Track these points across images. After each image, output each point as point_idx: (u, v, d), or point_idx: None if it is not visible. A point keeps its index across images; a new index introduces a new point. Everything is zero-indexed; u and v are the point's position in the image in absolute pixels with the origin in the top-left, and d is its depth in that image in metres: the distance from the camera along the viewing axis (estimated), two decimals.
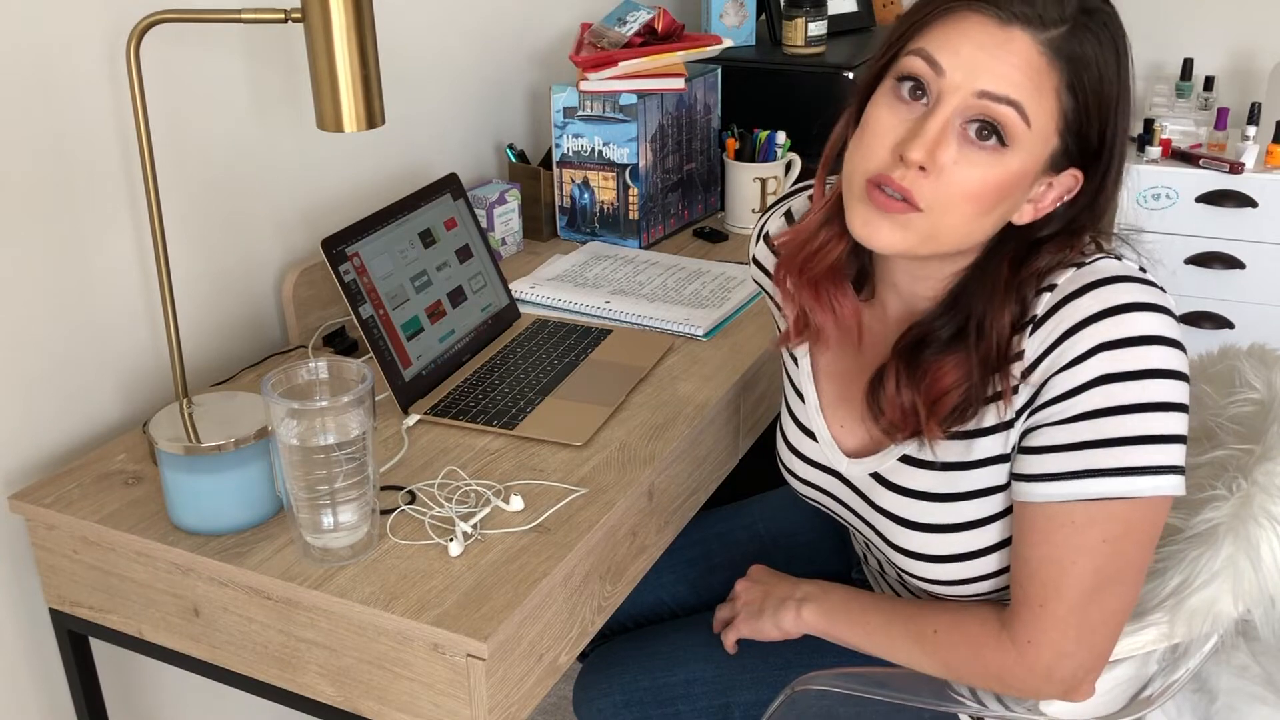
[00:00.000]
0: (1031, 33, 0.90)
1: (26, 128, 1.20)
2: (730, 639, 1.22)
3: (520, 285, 1.66)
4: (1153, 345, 0.92)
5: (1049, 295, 0.96)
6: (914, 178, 0.92)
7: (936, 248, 0.97)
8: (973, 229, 0.96)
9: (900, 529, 1.07)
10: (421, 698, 1.02)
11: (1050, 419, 0.95)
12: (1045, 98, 0.91)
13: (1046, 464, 0.96)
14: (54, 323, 1.26)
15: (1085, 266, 0.96)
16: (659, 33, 1.84)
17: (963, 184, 0.92)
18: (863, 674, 1.13)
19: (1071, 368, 0.93)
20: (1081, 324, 0.93)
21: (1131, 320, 0.92)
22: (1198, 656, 1.06)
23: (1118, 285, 0.94)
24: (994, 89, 0.90)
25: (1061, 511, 0.95)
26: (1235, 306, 2.41)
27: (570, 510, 1.14)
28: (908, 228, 0.94)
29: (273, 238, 1.54)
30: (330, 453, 1.01)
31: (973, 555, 1.04)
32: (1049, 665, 0.98)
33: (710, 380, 1.41)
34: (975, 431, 1.00)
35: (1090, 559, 0.95)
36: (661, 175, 1.86)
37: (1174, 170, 2.35)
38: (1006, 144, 0.91)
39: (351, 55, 1.13)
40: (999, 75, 0.90)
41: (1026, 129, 0.91)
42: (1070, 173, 0.96)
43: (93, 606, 1.19)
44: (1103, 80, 0.93)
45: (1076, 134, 0.94)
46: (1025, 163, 0.93)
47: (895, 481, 1.08)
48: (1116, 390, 0.92)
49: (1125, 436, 0.92)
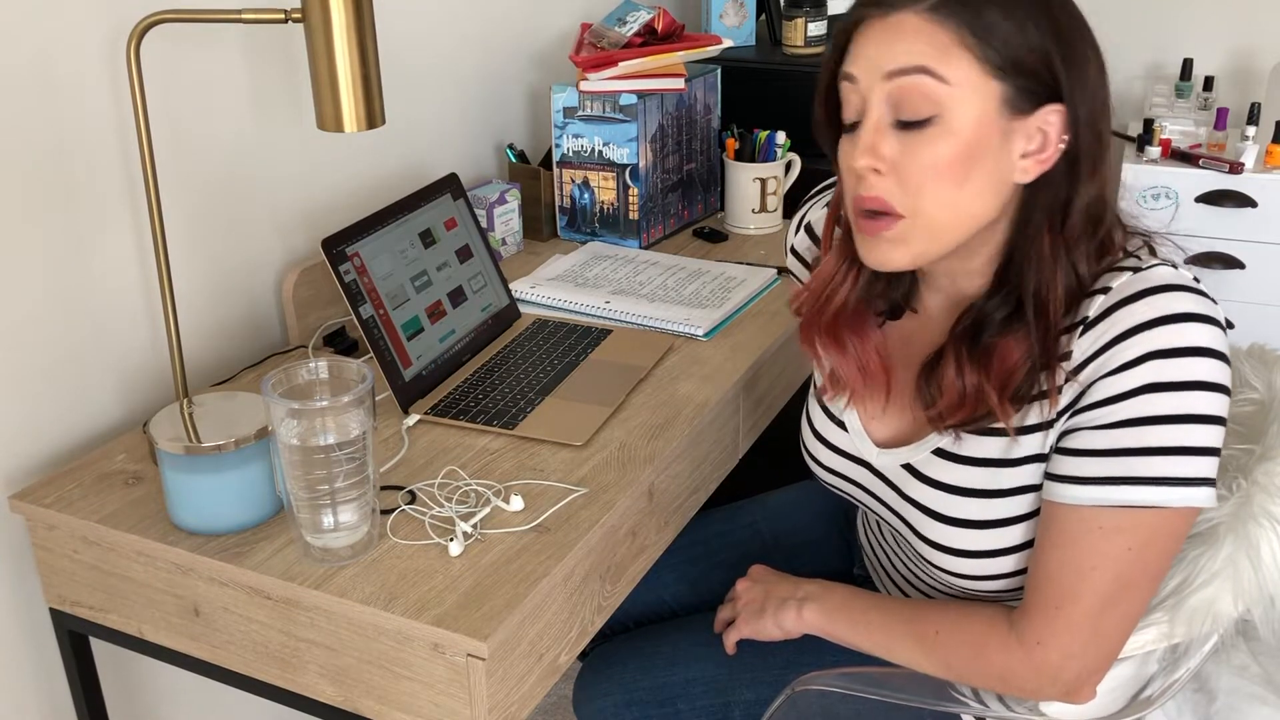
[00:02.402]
0: (913, 8, 0.93)
1: (26, 128, 1.20)
2: (731, 639, 1.22)
3: (520, 285, 1.66)
4: (1201, 357, 0.92)
5: (1103, 298, 0.95)
6: (874, 183, 0.96)
7: (945, 242, 0.98)
8: (963, 206, 0.96)
9: (930, 521, 1.07)
10: (421, 697, 1.02)
11: (1091, 423, 0.95)
12: (950, 53, 0.92)
13: (1082, 467, 0.95)
14: (54, 323, 1.26)
15: (1142, 272, 0.96)
16: (659, 33, 1.84)
17: (920, 167, 0.94)
18: (863, 674, 1.13)
19: (1120, 373, 0.93)
20: (1135, 330, 0.93)
21: (1185, 330, 0.92)
22: (1198, 656, 1.06)
23: (1173, 294, 0.94)
24: (896, 65, 0.93)
25: (1091, 516, 0.95)
26: (1235, 307, 2.41)
27: (570, 510, 1.14)
28: (905, 239, 0.97)
29: (273, 238, 1.54)
30: (330, 453, 1.02)
31: (998, 553, 1.04)
32: (1056, 667, 0.98)
33: (710, 380, 1.41)
34: (1019, 429, 1.00)
35: (1112, 565, 0.95)
36: (661, 175, 1.86)
37: (1174, 170, 2.35)
38: (937, 113, 0.93)
39: (351, 55, 1.13)
40: (897, 53, 0.93)
41: (947, 86, 0.93)
42: (1048, 109, 0.95)
43: (93, 606, 1.19)
44: (1003, 12, 0.93)
45: (1017, 71, 0.94)
46: (970, 120, 0.93)
47: (927, 474, 1.07)
48: (1161, 400, 0.92)
49: (1163, 446, 0.92)
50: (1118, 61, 2.64)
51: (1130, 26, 2.64)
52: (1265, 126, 2.36)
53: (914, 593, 1.20)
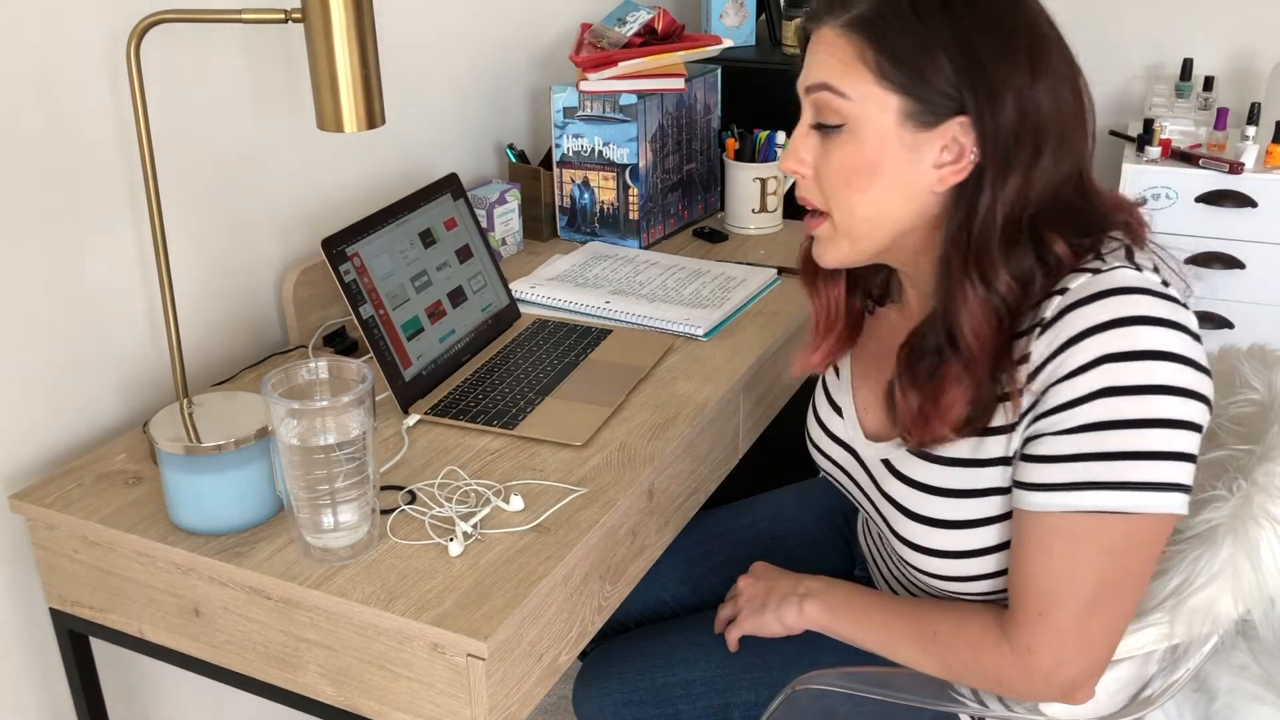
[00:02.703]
0: (830, 22, 0.99)
1: (27, 128, 1.20)
2: (734, 636, 1.22)
3: (520, 285, 1.66)
4: (1160, 361, 0.90)
5: (1060, 299, 0.94)
6: (803, 185, 1.04)
7: (869, 244, 1.03)
8: (872, 210, 1.01)
9: (903, 518, 1.08)
10: (421, 697, 1.02)
11: (1053, 428, 0.94)
12: (851, 68, 0.97)
13: (1047, 474, 0.95)
14: (54, 323, 1.26)
15: (1102, 274, 0.94)
16: (659, 33, 1.84)
17: (831, 169, 1.01)
18: (863, 673, 1.13)
19: (1074, 377, 0.92)
20: (1087, 332, 0.92)
21: (1139, 334, 0.91)
22: (1198, 656, 1.06)
23: (1131, 296, 0.92)
24: (808, 81, 1.01)
25: (1062, 522, 0.95)
26: (1235, 306, 2.41)
27: (570, 510, 1.14)
28: (832, 238, 1.04)
29: (273, 238, 1.54)
30: (330, 453, 1.02)
31: (971, 554, 1.04)
32: (1048, 672, 0.98)
33: (710, 380, 1.41)
34: (983, 430, 1.00)
35: (1090, 571, 0.94)
36: (661, 175, 1.86)
37: (1173, 170, 2.35)
38: (844, 121, 0.99)
39: (351, 55, 1.13)
40: (812, 68, 1.01)
41: (847, 101, 0.98)
42: (954, 122, 0.95)
43: (93, 606, 1.19)
44: (903, 29, 0.95)
45: (916, 85, 0.95)
46: (870, 130, 0.98)
47: (902, 471, 1.08)
48: (1120, 404, 0.91)
49: (1125, 451, 0.91)
50: (1118, 61, 2.66)
51: (1130, 26, 2.64)
52: (1265, 126, 2.36)
53: (911, 594, 1.21)
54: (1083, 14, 2.64)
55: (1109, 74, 2.67)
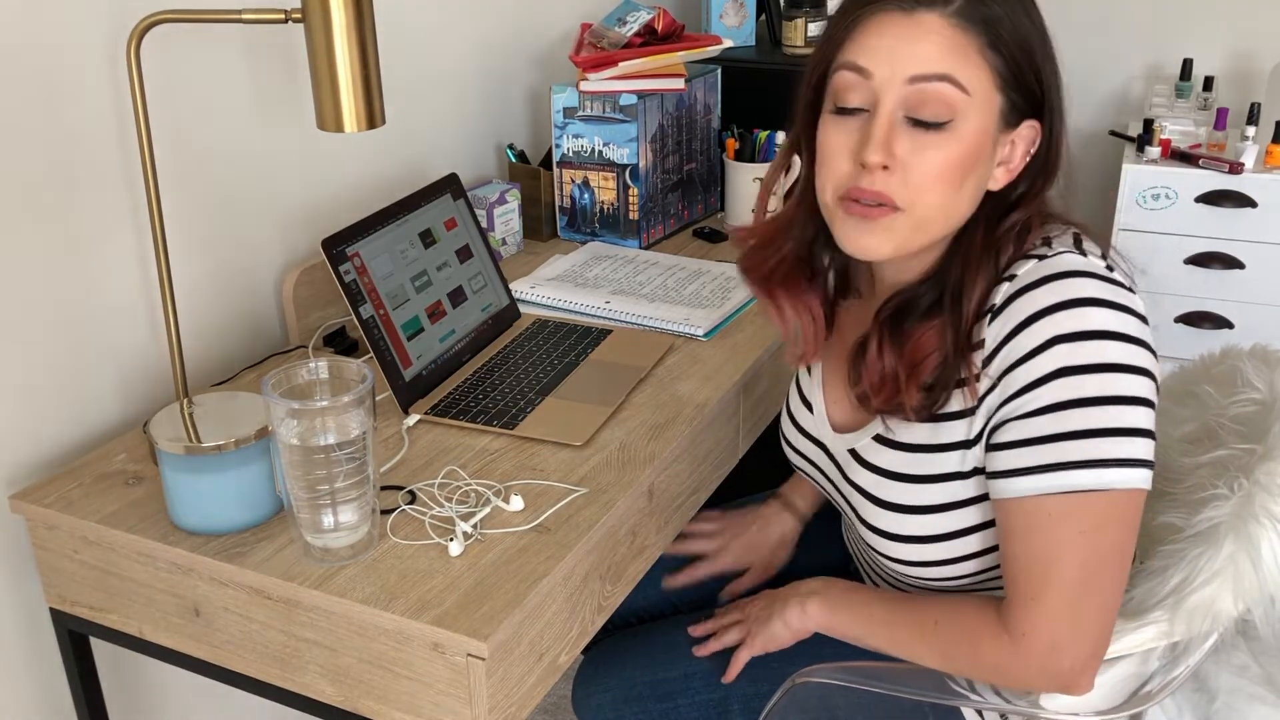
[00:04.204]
0: (937, 10, 0.94)
1: (27, 128, 1.19)
2: (743, 656, 1.20)
3: (520, 285, 1.66)
4: (1109, 340, 0.93)
5: (1008, 285, 0.97)
6: (882, 179, 0.97)
7: (926, 237, 1.00)
8: (951, 208, 0.99)
9: (871, 506, 1.09)
10: (421, 697, 1.02)
11: (1015, 413, 0.96)
12: (972, 63, 0.95)
13: (1016, 459, 0.97)
14: (54, 323, 1.26)
15: (1048, 259, 0.97)
16: (659, 33, 1.84)
17: (927, 169, 0.96)
18: (863, 668, 1.13)
19: (1028, 360, 0.94)
20: (1036, 315, 0.94)
21: (1086, 314, 0.93)
22: (1197, 654, 1.06)
23: (1076, 280, 0.95)
24: (922, 70, 0.94)
25: (1037, 506, 0.96)
26: (1235, 306, 2.41)
27: (570, 510, 1.14)
28: (892, 229, 0.99)
29: (273, 238, 1.54)
30: (330, 453, 1.01)
31: (937, 539, 1.06)
32: (1044, 657, 0.99)
33: (710, 380, 1.41)
34: (941, 415, 1.02)
35: (1072, 552, 0.96)
36: (661, 175, 1.86)
37: (1173, 170, 2.35)
38: (953, 118, 0.95)
39: (351, 55, 1.13)
40: (923, 57, 0.94)
41: (966, 96, 0.95)
42: (1028, 124, 0.99)
43: (93, 606, 1.19)
44: (1018, 29, 0.96)
45: (1016, 87, 0.97)
46: (977, 129, 0.96)
47: (868, 459, 1.10)
48: (1077, 382, 0.93)
49: (1090, 429, 0.93)
50: (1118, 61, 2.66)
51: (1130, 26, 2.64)
52: (1265, 126, 2.36)
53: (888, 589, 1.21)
54: (1083, 14, 2.64)
55: (1109, 74, 2.68)
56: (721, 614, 1.27)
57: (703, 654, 1.23)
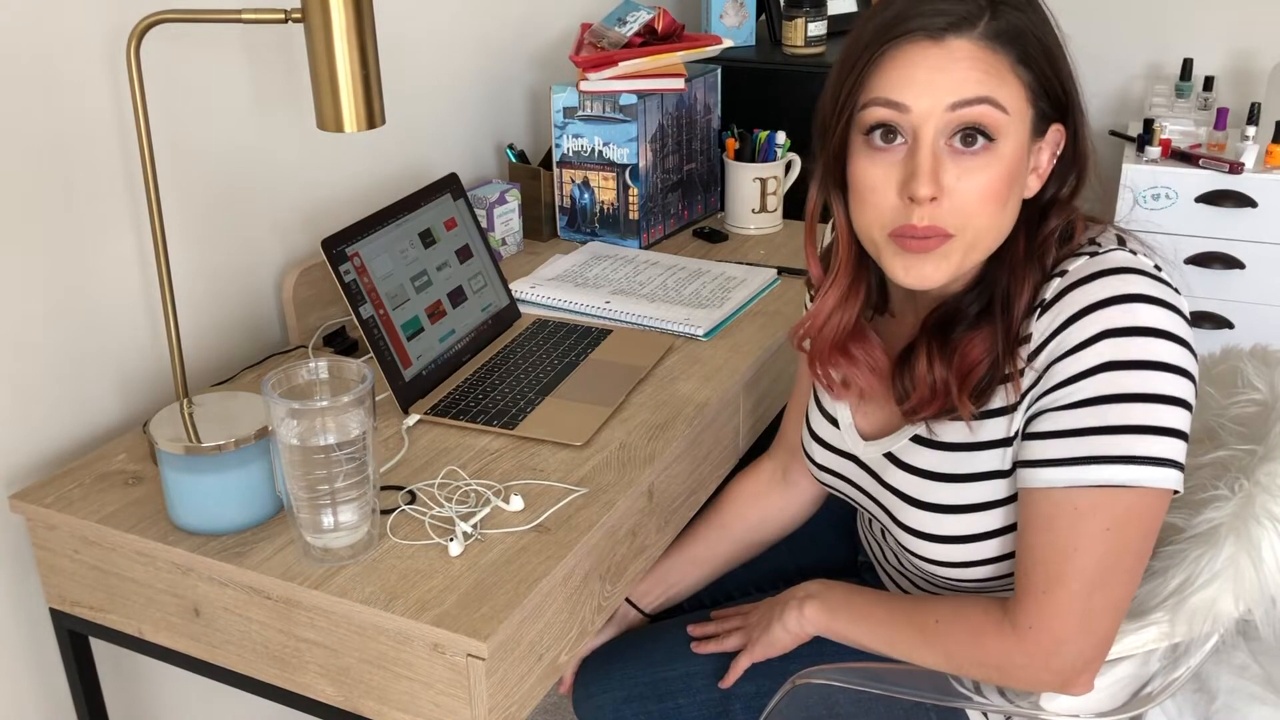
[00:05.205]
0: (965, 34, 0.93)
1: (27, 128, 1.19)
2: (743, 662, 1.20)
3: (520, 285, 1.66)
4: (1158, 339, 0.93)
5: (1059, 280, 0.97)
6: (931, 210, 0.96)
7: (979, 255, 1.00)
8: (1000, 225, 0.99)
9: (908, 507, 1.08)
10: (421, 697, 1.02)
11: (1055, 404, 0.96)
12: (1007, 82, 0.95)
13: (1050, 449, 0.96)
14: (54, 323, 1.26)
15: (1099, 255, 0.97)
16: (659, 33, 1.84)
17: (974, 193, 0.95)
18: (864, 668, 1.13)
19: (1076, 352, 0.94)
20: (1088, 309, 0.94)
21: (1137, 310, 0.93)
22: (1198, 655, 1.06)
23: (1128, 276, 0.95)
24: (962, 96, 0.93)
25: (1065, 498, 0.96)
26: (1235, 306, 2.41)
27: (570, 510, 1.14)
28: (948, 255, 0.98)
29: (273, 238, 1.53)
30: (330, 453, 1.01)
31: (974, 538, 1.05)
32: (1048, 652, 0.99)
33: (710, 380, 1.41)
34: (983, 413, 1.02)
35: (1093, 547, 0.95)
36: (661, 175, 1.86)
37: (1174, 170, 2.35)
38: (994, 138, 0.95)
39: (351, 55, 1.13)
40: (960, 82, 0.93)
41: (1006, 116, 0.94)
42: (1054, 128, 1.00)
43: (93, 606, 1.19)
44: (1042, 39, 0.97)
45: (1044, 95, 0.98)
46: (1016, 145, 0.96)
47: (906, 460, 1.09)
48: (1122, 378, 0.93)
49: (1130, 425, 0.93)
50: (1118, 61, 2.66)
51: (1130, 26, 2.64)
52: (1265, 126, 2.36)
53: (912, 590, 1.21)
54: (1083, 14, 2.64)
55: (1109, 74, 2.68)
56: (722, 618, 1.27)
57: (701, 651, 1.23)
